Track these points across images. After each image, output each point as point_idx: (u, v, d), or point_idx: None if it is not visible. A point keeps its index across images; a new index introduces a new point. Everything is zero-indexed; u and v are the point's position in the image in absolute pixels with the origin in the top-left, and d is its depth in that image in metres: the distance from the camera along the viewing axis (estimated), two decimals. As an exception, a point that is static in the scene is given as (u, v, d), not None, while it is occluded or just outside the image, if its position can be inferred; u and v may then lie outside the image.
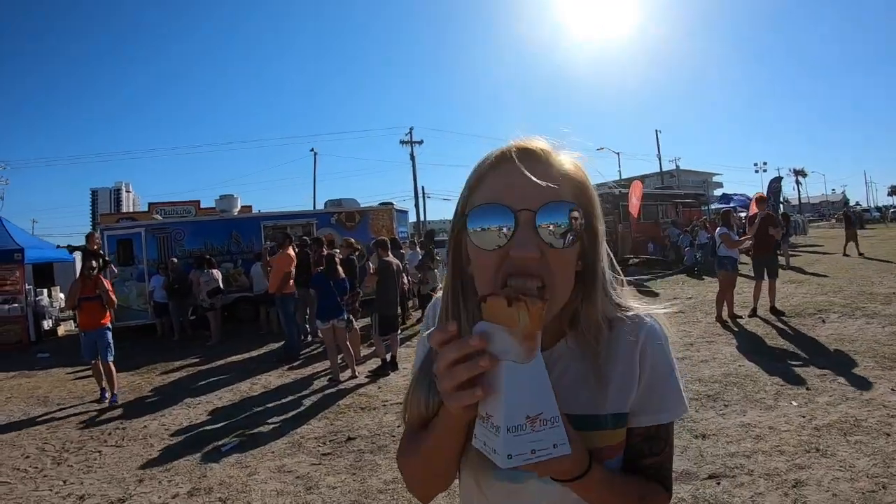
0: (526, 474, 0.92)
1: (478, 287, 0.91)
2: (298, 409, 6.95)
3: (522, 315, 0.78)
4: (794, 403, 5.39)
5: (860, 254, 18.71)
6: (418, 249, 13.41)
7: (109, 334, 7.89)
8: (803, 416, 5.03)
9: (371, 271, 9.11)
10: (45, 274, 16.40)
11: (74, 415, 7.39)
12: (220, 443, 5.92)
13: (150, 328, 13.56)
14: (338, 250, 9.66)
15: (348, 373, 8.21)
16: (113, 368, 7.81)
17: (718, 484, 3.95)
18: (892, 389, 5.51)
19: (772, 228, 9.89)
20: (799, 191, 67.75)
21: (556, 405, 0.81)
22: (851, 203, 79.85)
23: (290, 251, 9.83)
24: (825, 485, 3.81)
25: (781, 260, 19.39)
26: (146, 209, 29.89)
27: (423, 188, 39.78)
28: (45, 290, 15.01)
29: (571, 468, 0.86)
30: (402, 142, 39.81)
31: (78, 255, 16.64)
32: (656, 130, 54.35)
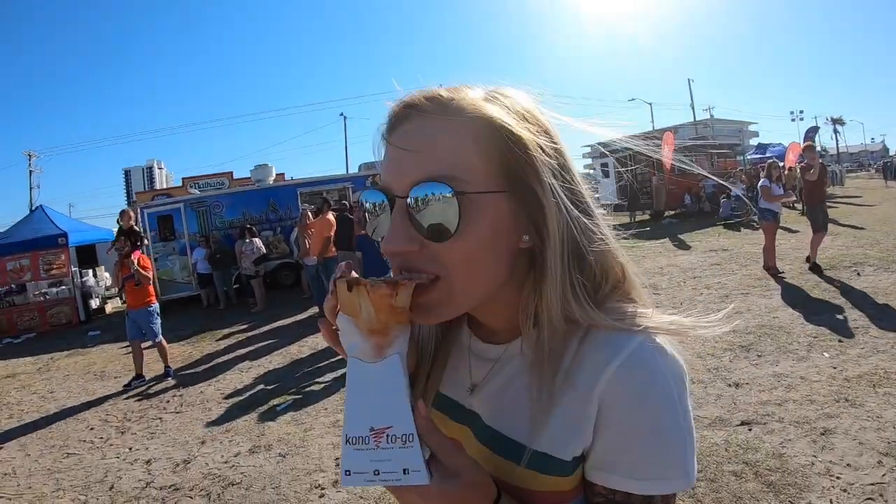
0: None
1: None
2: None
3: (364, 304, 0.65)
4: (826, 355, 5.29)
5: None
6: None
7: (154, 314, 7.63)
8: (834, 368, 4.96)
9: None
10: (88, 255, 16.68)
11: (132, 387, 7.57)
12: (274, 402, 6.01)
13: (196, 299, 13.79)
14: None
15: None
16: (164, 344, 7.76)
17: (750, 430, 4.00)
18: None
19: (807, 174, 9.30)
20: (837, 140, 64.97)
21: (412, 421, 0.64)
22: (893, 152, 76.62)
23: (330, 216, 9.80)
24: (852, 433, 3.79)
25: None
26: (179, 185, 30.18)
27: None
28: (91, 271, 15.35)
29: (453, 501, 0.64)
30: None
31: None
32: (689, 79, 52.34)
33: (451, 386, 0.85)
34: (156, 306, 7.74)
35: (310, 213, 10.42)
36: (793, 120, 66.50)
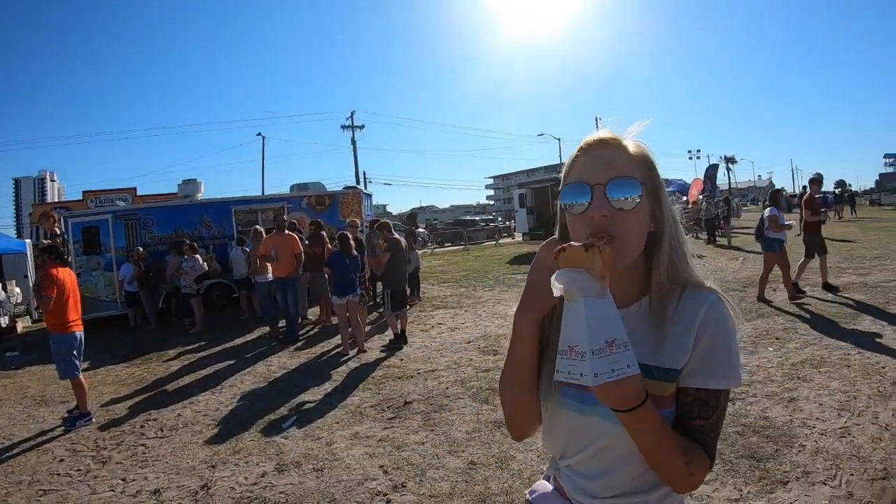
0: (592, 408, 1.14)
1: (572, 240, 1.10)
2: (334, 384, 7.05)
3: (596, 258, 0.96)
4: (770, 349, 6.67)
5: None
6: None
7: (65, 343, 6.46)
8: (780, 358, 6.31)
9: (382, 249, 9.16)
10: (-10, 266, 15.17)
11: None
12: (272, 419, 5.93)
13: (121, 318, 12.97)
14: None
15: (355, 349, 8.41)
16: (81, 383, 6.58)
17: (734, 404, 4.99)
18: (842, 336, 6.94)
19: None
20: (729, 177, 71.64)
21: (625, 332, 0.97)
22: (778, 187, 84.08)
23: (293, 234, 9.75)
24: (812, 399, 5.11)
25: (724, 240, 20.60)
26: (71, 199, 28.45)
27: (364, 173, 39.25)
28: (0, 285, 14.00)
29: (633, 397, 0.99)
30: (344, 126, 39.13)
31: (29, 244, 15.62)
32: (596, 118, 55.42)
33: None
34: (72, 335, 6.50)
35: (263, 231, 10.32)
36: (690, 158, 75.24)
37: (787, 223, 9.36)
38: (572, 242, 1.01)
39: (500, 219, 47.95)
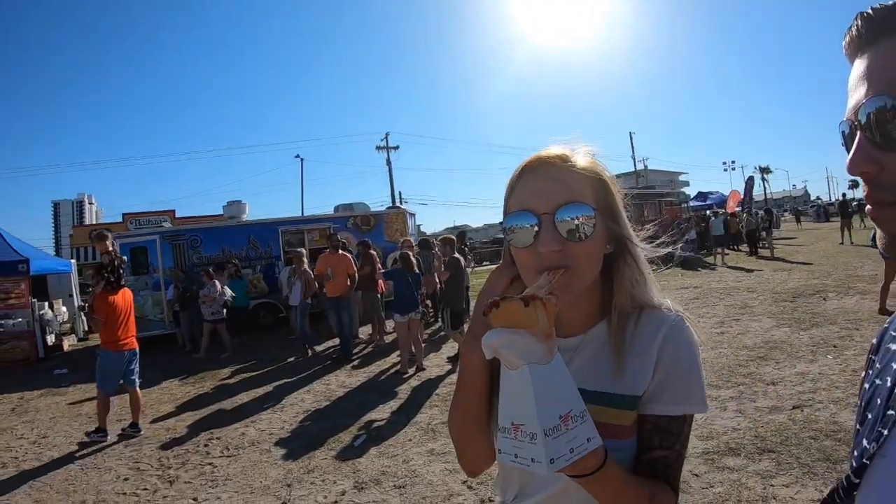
0: None
1: (523, 277, 1.01)
2: (399, 402, 6.89)
3: (541, 314, 0.79)
4: (830, 357, 6.50)
5: (852, 242, 19.56)
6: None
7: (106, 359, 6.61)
8: (840, 365, 6.15)
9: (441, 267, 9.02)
10: (38, 286, 15.21)
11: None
12: (342, 438, 5.75)
13: (169, 338, 12.88)
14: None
15: (414, 367, 8.30)
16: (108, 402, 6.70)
17: (802, 411, 5.00)
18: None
19: None
20: (765, 187, 70.89)
21: (580, 398, 0.82)
22: (814, 197, 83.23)
23: (347, 254, 9.65)
24: None
25: (766, 252, 20.19)
26: (109, 221, 29.04)
27: (400, 193, 39.24)
28: (45, 304, 14.06)
29: (592, 465, 0.86)
30: (379, 147, 39.30)
31: (74, 264, 15.73)
32: (630, 132, 55.53)
33: None
34: (121, 353, 6.63)
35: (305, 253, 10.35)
36: (725, 170, 75.25)
37: None
38: (507, 296, 0.84)
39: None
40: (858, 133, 0.64)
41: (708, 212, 26.83)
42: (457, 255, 8.81)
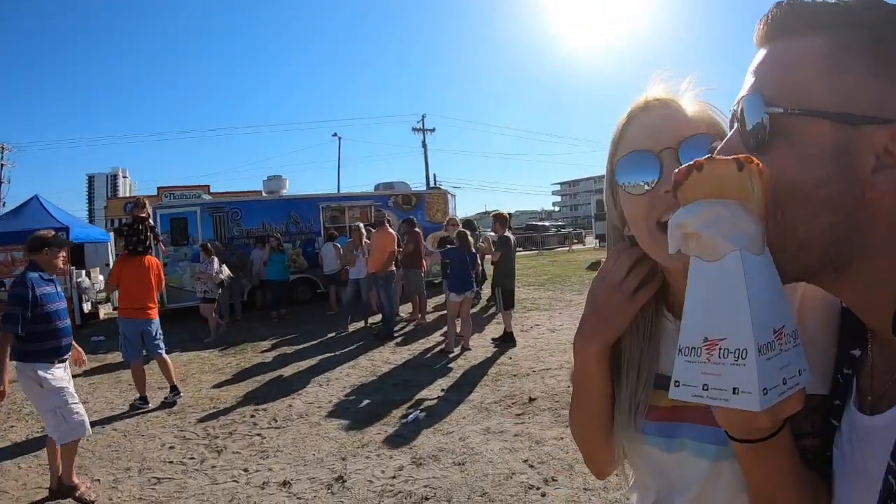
0: (679, 440, 0.86)
1: (634, 234, 0.86)
2: (449, 380, 6.69)
3: (756, 184, 0.54)
4: None
5: None
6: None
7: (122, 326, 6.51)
8: None
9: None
10: (76, 255, 15.17)
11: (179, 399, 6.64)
12: (395, 413, 5.57)
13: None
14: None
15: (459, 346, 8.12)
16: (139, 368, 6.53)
17: None
18: None
19: None
20: None
21: (791, 313, 0.57)
22: None
23: (391, 230, 9.47)
24: None
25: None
26: (144, 194, 29.49)
27: (434, 175, 38.77)
28: (83, 272, 14.03)
29: (793, 407, 0.60)
30: (415, 129, 38.97)
31: (112, 235, 15.75)
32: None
33: (668, 364, 0.86)
34: (132, 321, 6.42)
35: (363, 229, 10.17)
36: None
37: None
38: (712, 156, 0.57)
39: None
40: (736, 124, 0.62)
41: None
42: (507, 234, 8.51)
